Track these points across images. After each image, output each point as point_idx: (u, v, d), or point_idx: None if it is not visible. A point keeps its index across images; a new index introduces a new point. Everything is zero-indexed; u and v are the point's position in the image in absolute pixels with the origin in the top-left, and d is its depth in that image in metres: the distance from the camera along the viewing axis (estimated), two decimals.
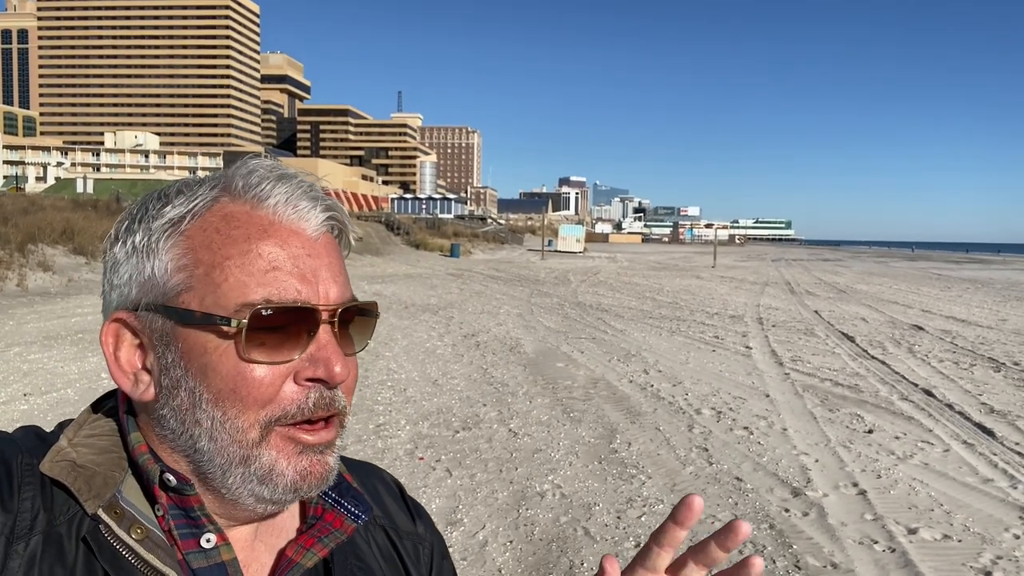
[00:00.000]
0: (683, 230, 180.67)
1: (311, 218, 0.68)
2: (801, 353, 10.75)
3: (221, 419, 0.63)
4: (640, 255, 58.38)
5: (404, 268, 29.38)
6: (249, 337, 0.63)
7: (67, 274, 16.97)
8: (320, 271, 0.67)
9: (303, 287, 0.65)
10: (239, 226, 0.66)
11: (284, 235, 0.66)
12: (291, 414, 0.64)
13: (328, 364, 0.64)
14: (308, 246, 0.67)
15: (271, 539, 0.73)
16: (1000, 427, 6.83)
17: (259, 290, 0.63)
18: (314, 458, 0.66)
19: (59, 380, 7.59)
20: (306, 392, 0.65)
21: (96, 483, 0.63)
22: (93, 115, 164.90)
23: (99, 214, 24.33)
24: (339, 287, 0.68)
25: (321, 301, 0.66)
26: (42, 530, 0.60)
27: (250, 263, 0.64)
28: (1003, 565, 4.03)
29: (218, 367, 0.63)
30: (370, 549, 0.79)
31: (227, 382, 0.63)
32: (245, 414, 0.63)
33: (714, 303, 18.50)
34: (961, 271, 41.12)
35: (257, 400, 0.63)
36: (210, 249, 0.65)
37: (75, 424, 0.69)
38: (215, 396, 0.64)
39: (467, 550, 4.10)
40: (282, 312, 0.64)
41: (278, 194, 0.67)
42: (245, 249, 0.64)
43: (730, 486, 5.17)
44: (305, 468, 0.65)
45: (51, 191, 46.86)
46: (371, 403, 7.15)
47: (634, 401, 7.58)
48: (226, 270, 0.64)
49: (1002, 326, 14.76)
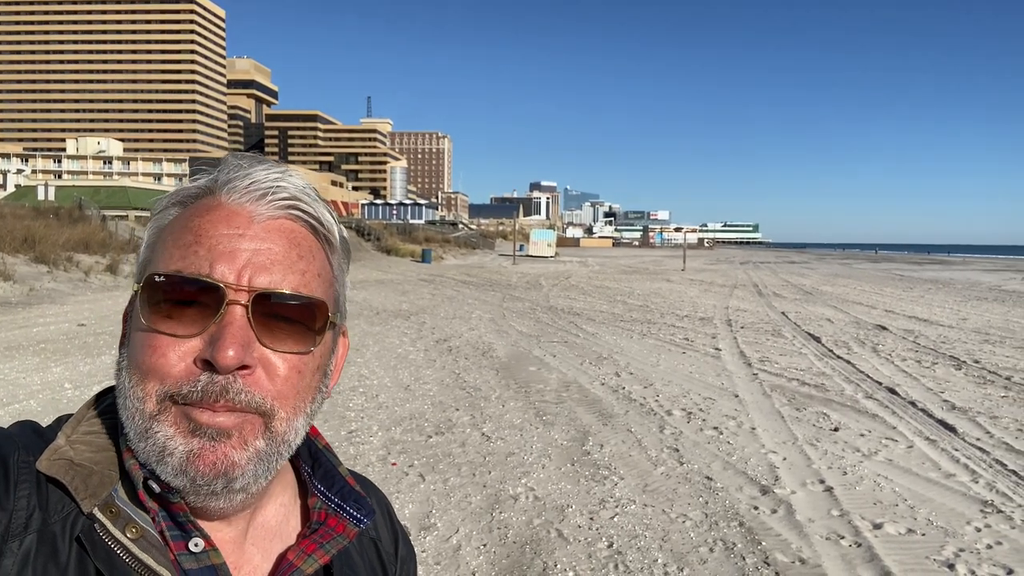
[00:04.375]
0: (653, 234, 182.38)
1: (262, 202, 0.66)
2: (769, 354, 10.91)
3: (128, 386, 0.64)
4: (611, 259, 58.71)
5: (375, 274, 29.21)
6: (154, 307, 0.63)
7: (28, 283, 16.58)
8: (246, 253, 0.64)
9: (219, 264, 0.63)
10: (194, 207, 0.68)
11: (223, 215, 0.66)
12: (183, 393, 0.62)
13: (217, 345, 0.61)
14: (245, 227, 0.65)
15: (265, 542, 0.72)
16: (961, 423, 7.00)
17: (177, 263, 0.64)
18: (206, 443, 0.62)
19: (21, 391, 7.42)
20: (198, 374, 0.62)
21: (93, 482, 0.63)
22: (54, 121, 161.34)
23: (61, 222, 23.83)
24: (271, 274, 0.64)
25: (237, 282, 0.63)
26: (37, 528, 0.60)
27: (180, 238, 0.65)
28: (965, 557, 4.13)
29: (134, 335, 0.66)
30: (363, 562, 0.79)
31: (134, 349, 0.65)
32: (144, 383, 0.63)
33: (684, 306, 18.68)
34: (923, 272, 42.06)
35: (153, 371, 0.62)
36: (168, 229, 0.68)
37: (73, 420, 0.69)
38: (128, 363, 0.65)
39: (441, 554, 4.09)
40: (185, 285, 0.63)
41: (242, 180, 0.67)
42: (183, 225, 0.66)
43: (700, 485, 5.23)
44: (194, 450, 0.62)
45: (11, 199, 45.71)
46: (343, 409, 7.10)
47: (606, 403, 7.63)
48: (165, 243, 0.66)
49: (963, 325, 15.13)
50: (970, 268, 49.08)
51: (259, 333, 0.63)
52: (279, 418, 0.65)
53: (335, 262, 0.72)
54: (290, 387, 0.65)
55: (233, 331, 0.61)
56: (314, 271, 0.68)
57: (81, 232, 22.27)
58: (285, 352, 0.65)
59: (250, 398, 0.62)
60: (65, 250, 19.90)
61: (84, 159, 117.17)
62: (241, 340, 0.61)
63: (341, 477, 0.77)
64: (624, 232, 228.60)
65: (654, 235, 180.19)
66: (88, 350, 9.73)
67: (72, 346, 10.04)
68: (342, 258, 0.73)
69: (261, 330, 0.63)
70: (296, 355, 0.66)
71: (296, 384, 0.66)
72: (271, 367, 0.64)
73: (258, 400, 0.63)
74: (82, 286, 17.96)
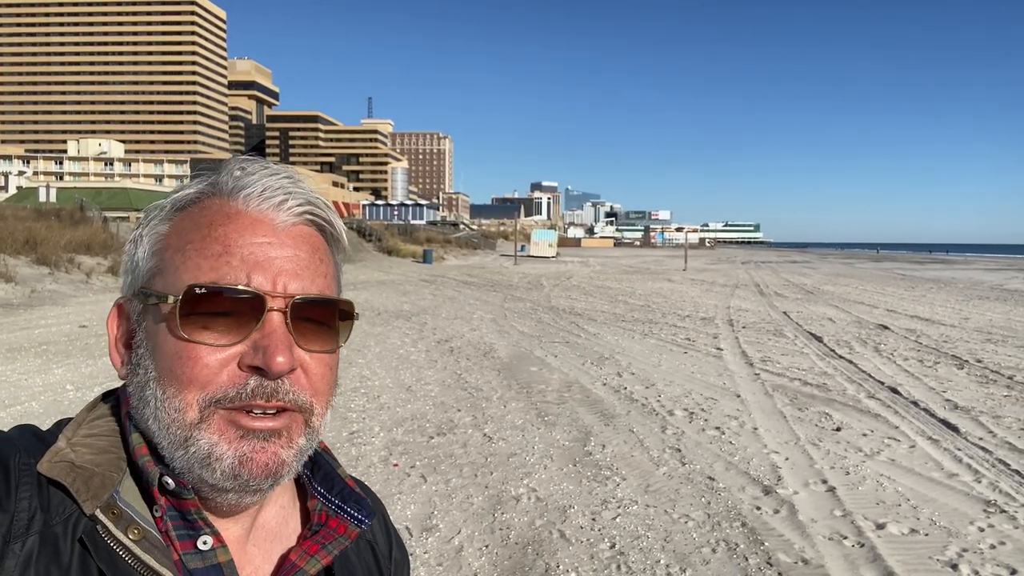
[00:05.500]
0: (654, 234, 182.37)
1: (282, 209, 0.68)
2: (771, 354, 10.90)
3: (162, 398, 0.64)
4: (612, 259, 58.71)
5: (377, 275, 29.22)
6: (190, 318, 0.64)
7: (30, 285, 16.60)
8: (278, 261, 0.66)
9: (255, 274, 0.65)
10: (208, 214, 0.68)
11: (247, 223, 0.67)
12: (230, 397, 0.63)
13: (267, 352, 0.63)
14: (272, 235, 0.67)
15: (266, 543, 0.73)
16: (964, 423, 6.99)
17: (210, 273, 0.65)
18: (257, 444, 0.64)
19: (23, 393, 7.42)
20: (246, 378, 0.64)
21: (94, 484, 0.64)
22: (55, 123, 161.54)
23: (63, 223, 23.83)
24: (302, 280, 0.67)
25: (273, 290, 0.65)
26: (39, 530, 0.60)
27: (207, 247, 0.66)
28: (968, 557, 4.12)
29: (163, 346, 0.65)
30: (360, 564, 0.80)
31: (167, 361, 0.65)
32: (182, 394, 0.64)
33: (685, 306, 18.68)
34: (925, 271, 42.02)
35: (193, 381, 0.63)
36: (179, 235, 0.68)
37: (74, 423, 0.69)
38: (159, 374, 0.65)
39: (443, 555, 4.09)
40: (224, 296, 0.64)
41: (254, 186, 0.68)
42: (206, 234, 0.66)
43: (703, 485, 5.23)
44: (246, 453, 0.64)
45: (13, 200, 45.79)
46: (344, 410, 7.10)
47: (608, 404, 7.63)
48: (186, 253, 0.66)
49: (964, 324, 15.11)
50: (972, 267, 49.03)
51: (296, 337, 0.66)
52: (316, 414, 0.69)
53: (339, 261, 0.76)
54: (325, 384, 0.70)
55: (279, 338, 0.64)
56: (331, 273, 0.72)
57: (83, 234, 22.29)
58: (318, 352, 0.68)
59: (295, 396, 0.66)
60: (67, 252, 19.91)
61: (85, 160, 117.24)
62: (287, 346, 0.65)
63: (340, 479, 0.78)
64: (625, 232, 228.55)
65: (655, 235, 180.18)
66: (90, 351, 9.73)
67: (74, 348, 10.04)
68: (343, 256, 0.77)
69: (297, 334, 0.66)
70: (327, 354, 0.70)
71: (329, 381, 0.70)
72: (308, 367, 0.68)
73: (303, 399, 0.67)
74: (84, 288, 17.98)
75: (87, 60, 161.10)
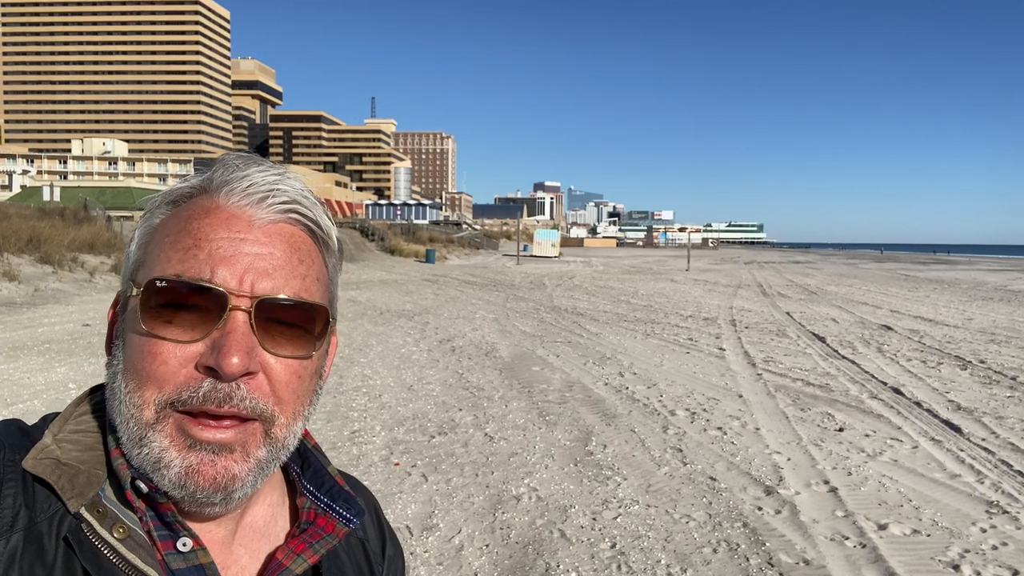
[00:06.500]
0: (657, 234, 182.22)
1: (262, 205, 0.66)
2: (773, 354, 10.88)
3: (125, 392, 0.63)
4: (615, 259, 58.67)
5: (379, 274, 29.24)
6: (152, 311, 0.62)
7: (33, 284, 16.63)
8: (248, 257, 0.63)
9: (220, 268, 0.62)
10: (190, 209, 0.67)
11: (223, 218, 0.65)
12: (183, 400, 0.61)
13: (221, 352, 0.60)
14: (247, 231, 0.65)
15: (253, 542, 0.72)
16: (967, 424, 6.97)
17: (177, 266, 0.63)
18: (205, 457, 0.61)
19: (25, 391, 7.43)
20: (200, 380, 0.61)
21: (80, 481, 0.63)
22: (60, 122, 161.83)
23: (66, 222, 23.87)
24: (273, 280, 0.64)
25: (239, 288, 0.62)
26: (23, 527, 0.59)
27: (179, 241, 0.64)
28: (970, 558, 4.10)
29: (130, 339, 0.64)
30: (350, 562, 0.79)
31: (132, 353, 0.64)
32: (141, 390, 0.62)
33: (688, 306, 18.65)
34: (928, 272, 41.93)
35: (151, 377, 0.61)
36: (163, 229, 0.67)
37: (61, 419, 0.68)
38: (125, 367, 0.64)
39: (443, 555, 4.08)
40: (185, 290, 0.62)
41: (239, 181, 0.67)
42: (182, 228, 0.65)
43: (704, 486, 5.21)
44: (192, 465, 0.61)
45: (17, 199, 45.92)
46: (346, 409, 7.10)
47: (609, 403, 7.62)
48: (162, 246, 0.65)
49: (968, 325, 15.07)
50: (975, 268, 48.90)
51: (261, 339, 0.63)
52: (279, 424, 0.65)
53: (331, 264, 0.72)
54: (290, 392, 0.65)
55: (236, 338, 0.61)
56: (313, 275, 0.68)
57: (86, 233, 22.33)
58: (286, 357, 0.65)
59: (254, 404, 0.62)
60: (70, 250, 19.95)
61: (89, 160, 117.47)
62: (245, 347, 0.61)
63: (330, 477, 0.77)
64: (628, 232, 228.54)
65: (658, 235, 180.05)
66: (93, 350, 9.75)
67: (77, 346, 10.06)
68: (337, 260, 0.73)
69: (263, 335, 0.63)
70: (296, 360, 0.66)
71: (296, 389, 0.66)
72: (272, 372, 0.64)
73: (261, 406, 0.63)
74: (87, 286, 18.01)
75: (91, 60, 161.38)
